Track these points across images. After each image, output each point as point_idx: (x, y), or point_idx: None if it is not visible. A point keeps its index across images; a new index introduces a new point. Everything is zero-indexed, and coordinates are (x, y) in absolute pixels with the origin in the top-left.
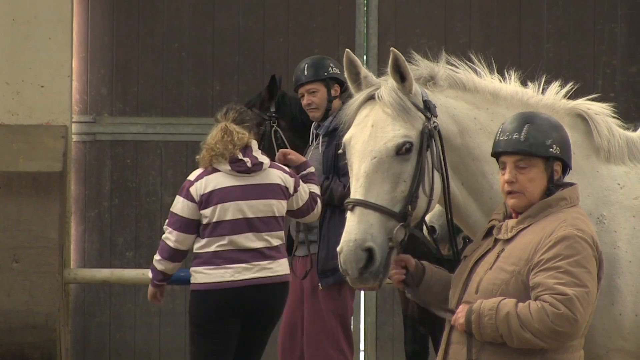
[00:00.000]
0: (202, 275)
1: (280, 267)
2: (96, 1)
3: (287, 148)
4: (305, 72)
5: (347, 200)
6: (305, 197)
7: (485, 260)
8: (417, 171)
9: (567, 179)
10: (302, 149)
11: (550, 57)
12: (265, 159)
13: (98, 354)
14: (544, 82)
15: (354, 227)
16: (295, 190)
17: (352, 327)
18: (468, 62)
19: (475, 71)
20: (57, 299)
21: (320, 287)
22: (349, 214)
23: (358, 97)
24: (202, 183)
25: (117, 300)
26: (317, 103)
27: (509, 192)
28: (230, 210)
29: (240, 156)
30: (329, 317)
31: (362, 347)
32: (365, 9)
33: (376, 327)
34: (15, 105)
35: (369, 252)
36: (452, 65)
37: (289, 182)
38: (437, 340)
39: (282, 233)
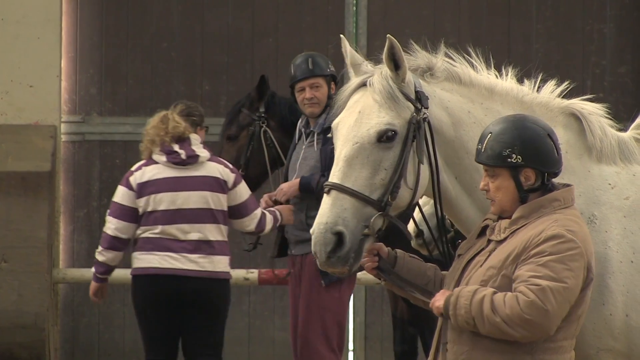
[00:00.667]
0: (135, 260)
1: (211, 263)
2: (85, 1)
3: (276, 148)
4: (310, 66)
5: (325, 183)
6: (245, 196)
7: (477, 260)
8: (400, 160)
9: (558, 178)
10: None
11: (539, 58)
12: (203, 152)
13: (87, 354)
14: (539, 81)
15: (327, 210)
16: (235, 185)
17: None
18: (466, 56)
19: (473, 66)
20: (46, 298)
21: (323, 284)
22: (324, 197)
23: (351, 83)
24: (141, 173)
25: (106, 300)
26: (319, 98)
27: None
28: (163, 201)
29: (176, 148)
30: (326, 314)
31: (351, 347)
32: (354, 9)
33: (365, 327)
34: (4, 105)
35: (339, 236)
36: (450, 58)
37: (229, 176)
38: (426, 340)
39: (221, 227)
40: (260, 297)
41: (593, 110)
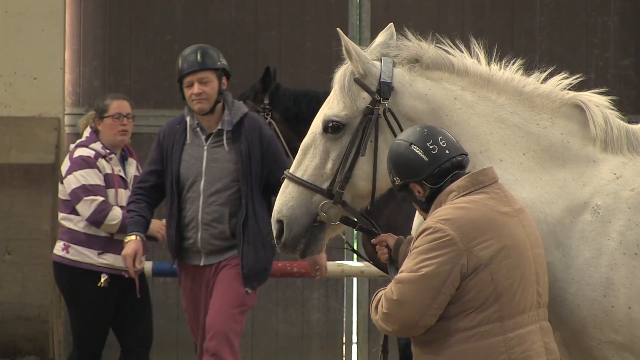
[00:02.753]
0: None
1: (55, 247)
2: None
3: (280, 139)
4: (199, 59)
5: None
6: (72, 186)
7: None
8: (346, 152)
9: (557, 167)
10: (295, 141)
11: (542, 50)
12: (71, 146)
13: None
14: (547, 74)
15: (277, 199)
16: (65, 175)
17: (344, 319)
18: (473, 46)
19: (476, 56)
20: (49, 291)
21: (248, 292)
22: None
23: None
24: None
25: None
26: (208, 93)
27: None
28: None
29: None
30: (239, 311)
31: (354, 339)
32: (357, 1)
33: (369, 320)
34: (8, 97)
35: (280, 224)
36: (449, 48)
37: (65, 166)
38: None
39: (63, 215)
40: (263, 289)
41: (599, 102)
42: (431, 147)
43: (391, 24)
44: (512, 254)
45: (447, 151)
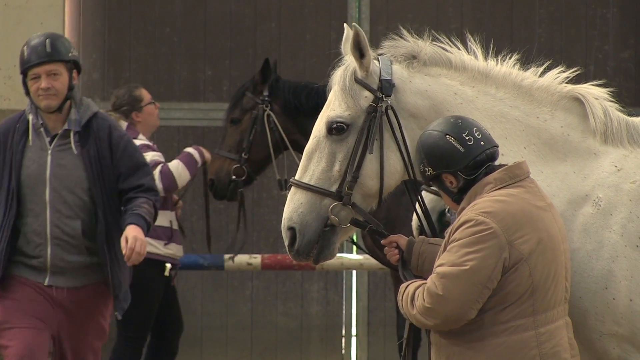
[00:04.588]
0: None
1: None
2: None
3: (279, 132)
4: (48, 49)
5: (290, 179)
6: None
7: None
8: (352, 152)
9: (559, 160)
10: (294, 133)
11: (542, 43)
12: None
13: None
14: (544, 67)
15: (285, 207)
16: None
17: (343, 312)
18: (470, 43)
19: (474, 52)
20: None
21: (119, 317)
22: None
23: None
24: None
25: None
26: (58, 89)
27: None
28: None
29: None
30: (103, 325)
31: (354, 332)
32: None
33: (368, 312)
34: (7, 90)
35: (292, 231)
36: (447, 44)
37: None
38: None
39: None
40: (263, 282)
41: (598, 95)
42: (467, 137)
43: (354, 23)
44: (548, 249)
45: (482, 142)
